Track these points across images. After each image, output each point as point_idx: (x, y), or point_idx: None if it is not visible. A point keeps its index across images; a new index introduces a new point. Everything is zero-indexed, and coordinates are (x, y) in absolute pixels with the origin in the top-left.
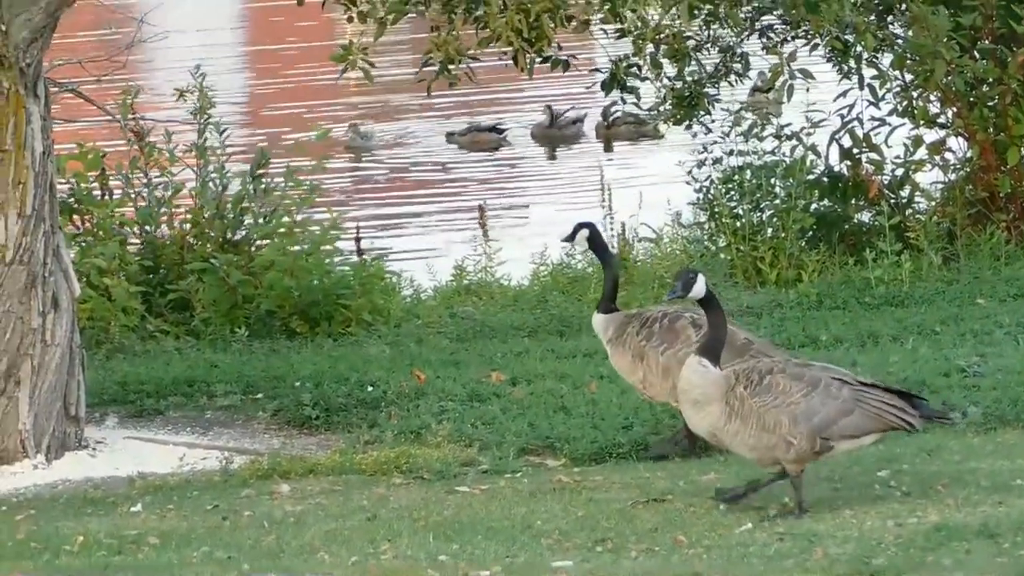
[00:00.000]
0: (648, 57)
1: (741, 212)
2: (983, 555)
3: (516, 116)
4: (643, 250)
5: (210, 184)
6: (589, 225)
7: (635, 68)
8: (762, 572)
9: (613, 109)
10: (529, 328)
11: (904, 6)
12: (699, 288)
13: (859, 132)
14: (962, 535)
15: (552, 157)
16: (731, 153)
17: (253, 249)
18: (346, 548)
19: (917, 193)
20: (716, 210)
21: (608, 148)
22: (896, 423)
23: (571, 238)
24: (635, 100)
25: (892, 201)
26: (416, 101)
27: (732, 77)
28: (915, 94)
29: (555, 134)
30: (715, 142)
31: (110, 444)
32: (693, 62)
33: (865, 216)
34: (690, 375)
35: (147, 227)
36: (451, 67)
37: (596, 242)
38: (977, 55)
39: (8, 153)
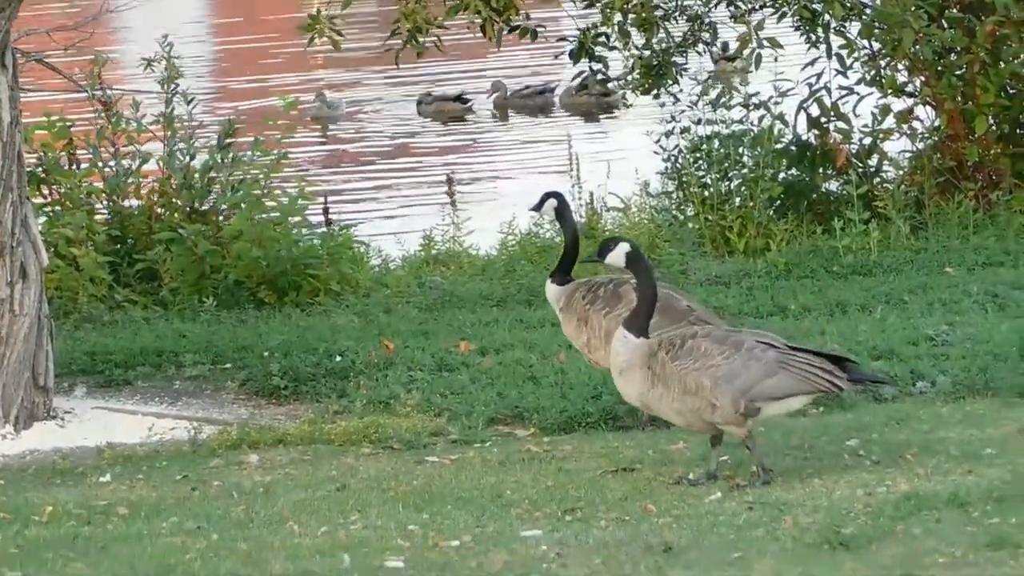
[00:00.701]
0: (616, 26)
1: (709, 181)
2: (953, 524)
3: (485, 86)
4: (611, 219)
5: (177, 154)
6: (556, 195)
7: (603, 37)
8: (732, 541)
9: (577, 81)
10: (498, 298)
11: None
12: (616, 256)
13: (827, 101)
14: (932, 504)
15: (519, 127)
16: (699, 122)
17: (221, 219)
18: (315, 518)
19: (885, 162)
20: (684, 179)
21: (579, 118)
22: (822, 385)
23: (538, 207)
24: (603, 69)
25: (860, 170)
26: (385, 72)
27: (700, 46)
28: (883, 63)
29: (517, 103)
30: (683, 111)
31: (79, 414)
32: (661, 31)
33: (833, 185)
34: (615, 344)
35: (115, 197)
36: (419, 36)
37: (562, 212)
38: (945, 24)
39: None
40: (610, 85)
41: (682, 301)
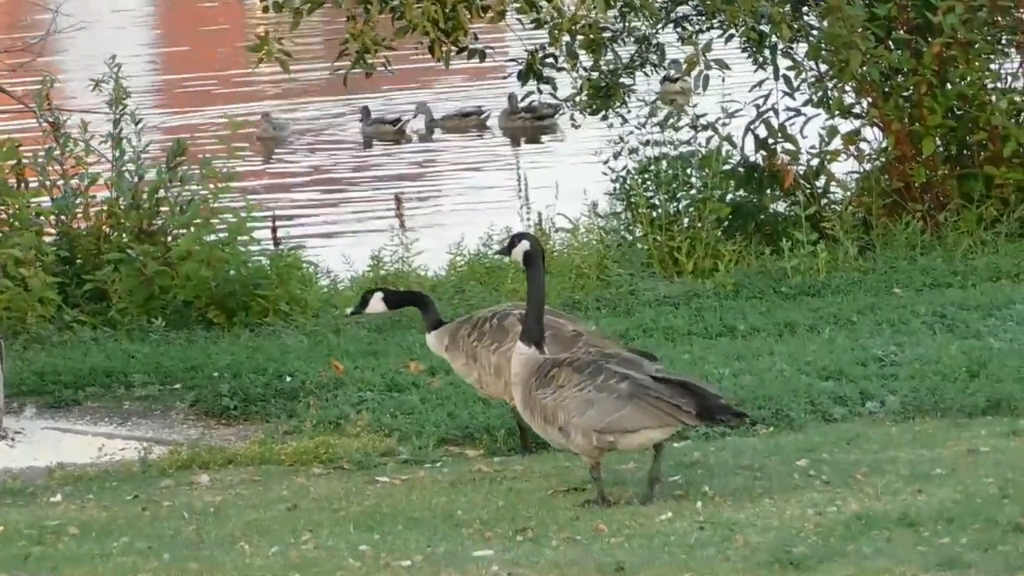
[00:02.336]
0: (564, 47)
1: (658, 202)
2: (903, 543)
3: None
4: (560, 240)
5: (126, 174)
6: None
7: (551, 58)
8: (684, 560)
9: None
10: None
11: None
12: (516, 252)
13: (774, 122)
14: (882, 524)
15: (463, 149)
16: (647, 143)
17: (169, 239)
18: (267, 538)
19: (832, 183)
20: (633, 200)
21: (514, 142)
22: (668, 419)
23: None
24: (551, 90)
25: (808, 191)
26: (333, 98)
27: (648, 67)
28: (830, 84)
29: (446, 125)
30: (631, 132)
31: (28, 434)
32: (609, 52)
33: (781, 206)
34: (512, 358)
35: (63, 217)
36: (367, 57)
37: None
38: (892, 45)
39: None
40: (557, 105)
41: (568, 326)
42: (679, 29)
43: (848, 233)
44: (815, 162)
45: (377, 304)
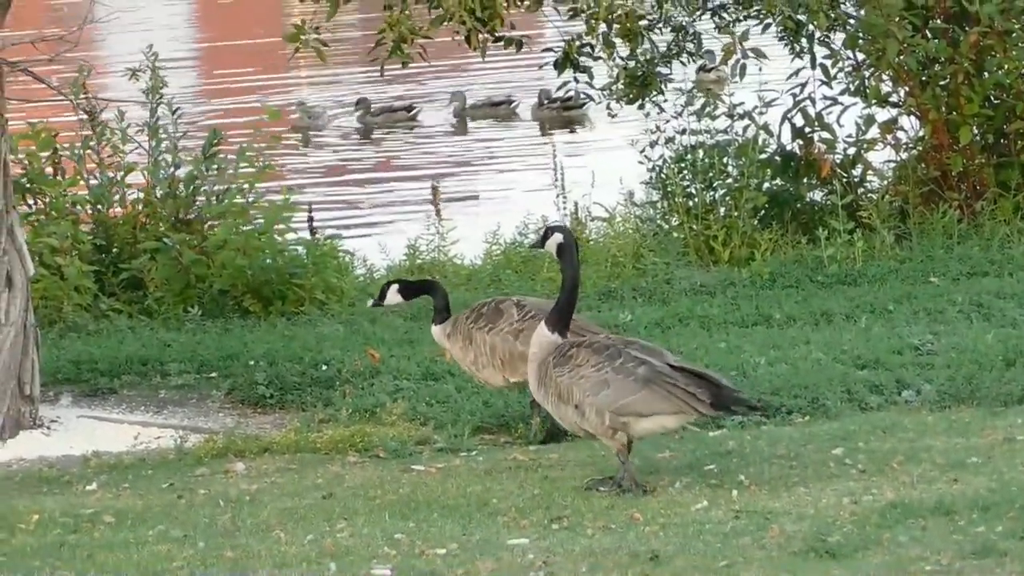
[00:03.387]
0: (601, 36)
1: (694, 191)
2: (939, 532)
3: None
4: (596, 229)
5: (162, 163)
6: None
7: (588, 48)
8: (719, 549)
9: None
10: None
11: None
12: (550, 244)
13: (811, 111)
14: (917, 512)
15: (498, 137)
16: (684, 132)
17: (206, 228)
18: (302, 526)
19: (869, 172)
20: (669, 189)
21: (543, 131)
22: (682, 406)
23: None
24: (588, 80)
25: (844, 180)
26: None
27: (684, 56)
28: (867, 73)
29: (477, 114)
30: (668, 121)
31: (64, 423)
32: (646, 41)
33: (817, 195)
34: (533, 336)
35: (100, 206)
36: (403, 47)
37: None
38: (929, 34)
39: None
40: (594, 95)
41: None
42: (716, 18)
43: (884, 222)
44: (852, 151)
45: (394, 296)
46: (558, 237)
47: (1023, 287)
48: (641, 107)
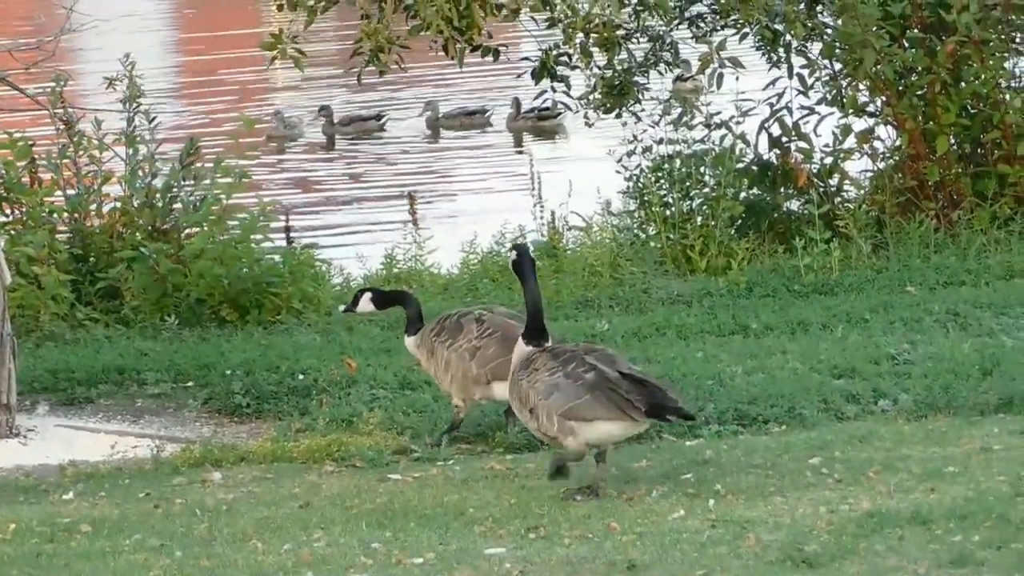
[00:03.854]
0: (578, 46)
1: (671, 200)
2: (916, 541)
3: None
4: (573, 239)
5: (139, 172)
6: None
7: (565, 57)
8: (695, 559)
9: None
10: None
11: None
12: (512, 256)
13: (788, 121)
14: (894, 522)
15: (474, 146)
16: (661, 142)
17: (183, 237)
18: (279, 536)
19: (846, 182)
20: (646, 198)
21: (518, 142)
22: (619, 413)
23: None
24: (565, 89)
25: (821, 189)
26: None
27: (662, 66)
28: (844, 83)
29: (449, 123)
30: (645, 131)
31: (41, 432)
32: (623, 51)
33: (794, 204)
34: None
35: (76, 215)
36: (381, 56)
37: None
38: (906, 44)
39: None
40: (572, 104)
41: (518, 328)
42: (693, 28)
43: (861, 231)
44: (829, 160)
45: (366, 304)
46: (512, 255)
47: (1000, 297)
48: (618, 116)
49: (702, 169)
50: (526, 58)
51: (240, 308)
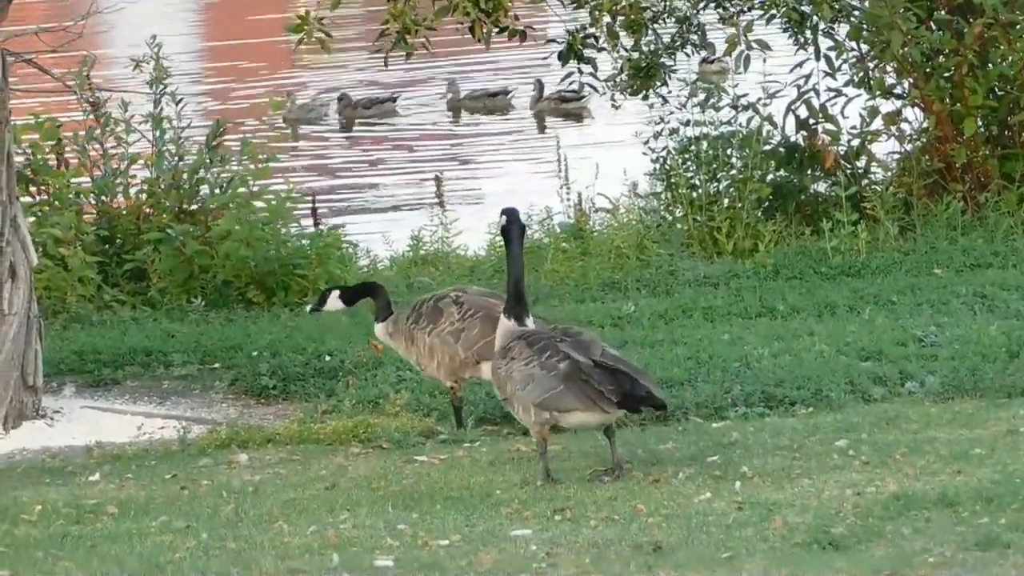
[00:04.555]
0: (605, 28)
1: (698, 182)
2: (942, 524)
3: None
4: (600, 220)
5: (166, 154)
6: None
7: (592, 39)
8: (722, 540)
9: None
10: None
11: None
12: (502, 221)
13: (815, 103)
14: (921, 504)
15: (500, 128)
16: (687, 124)
17: (209, 219)
18: (305, 517)
19: (873, 164)
20: (673, 181)
21: (540, 125)
22: (590, 404)
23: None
24: (592, 71)
25: (848, 171)
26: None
27: (688, 48)
28: (871, 65)
29: (471, 105)
30: (671, 113)
31: (67, 413)
32: (650, 33)
33: (821, 186)
34: (498, 328)
35: (103, 197)
36: (407, 38)
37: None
38: (933, 26)
39: None
40: (598, 86)
41: (499, 306)
42: (720, 9)
43: (889, 213)
44: (856, 142)
45: (335, 302)
46: (502, 220)
47: None
48: (645, 98)
49: (729, 151)
50: (552, 40)
51: (267, 290)
